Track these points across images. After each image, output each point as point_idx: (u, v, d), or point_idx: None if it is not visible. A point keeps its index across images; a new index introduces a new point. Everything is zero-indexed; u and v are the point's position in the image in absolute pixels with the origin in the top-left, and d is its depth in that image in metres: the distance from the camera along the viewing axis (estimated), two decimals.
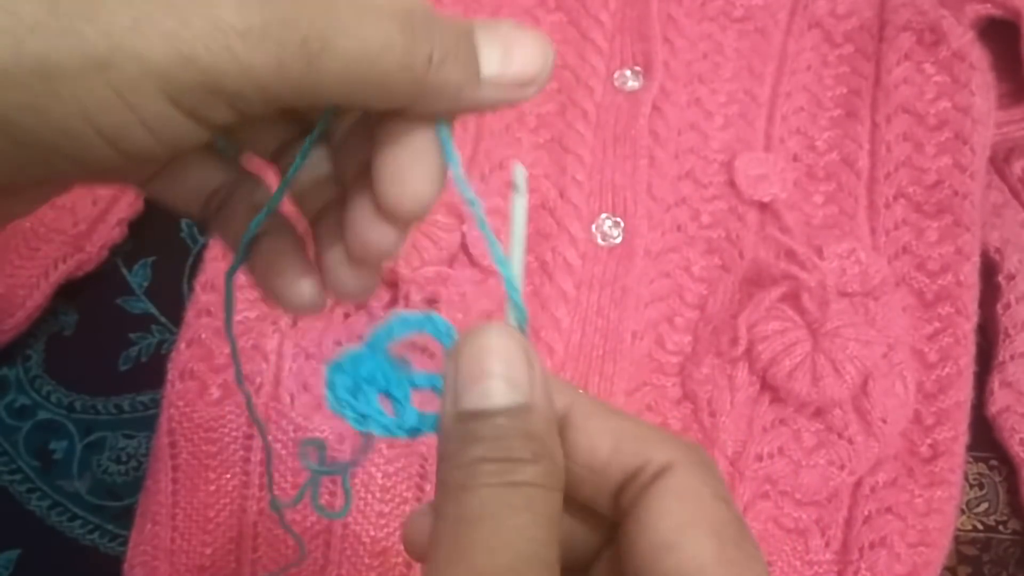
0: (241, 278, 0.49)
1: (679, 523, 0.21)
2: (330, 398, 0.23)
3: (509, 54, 0.23)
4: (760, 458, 0.46)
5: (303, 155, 0.25)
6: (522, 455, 0.21)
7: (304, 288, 0.26)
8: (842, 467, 0.46)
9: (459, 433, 0.22)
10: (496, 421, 0.21)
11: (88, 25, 0.19)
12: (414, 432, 0.23)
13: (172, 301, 0.52)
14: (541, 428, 0.22)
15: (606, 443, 0.23)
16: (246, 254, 0.26)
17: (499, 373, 0.22)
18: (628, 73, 0.56)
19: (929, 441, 0.48)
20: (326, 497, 0.45)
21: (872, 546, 0.45)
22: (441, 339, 0.24)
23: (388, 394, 0.24)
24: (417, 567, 0.45)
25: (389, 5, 0.22)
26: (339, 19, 0.21)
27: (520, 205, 0.25)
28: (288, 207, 0.28)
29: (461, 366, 0.22)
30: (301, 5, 0.20)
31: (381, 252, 0.25)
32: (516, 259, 0.24)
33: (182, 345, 0.48)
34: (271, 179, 0.28)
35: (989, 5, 0.56)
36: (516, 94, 0.24)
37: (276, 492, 0.46)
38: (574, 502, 0.24)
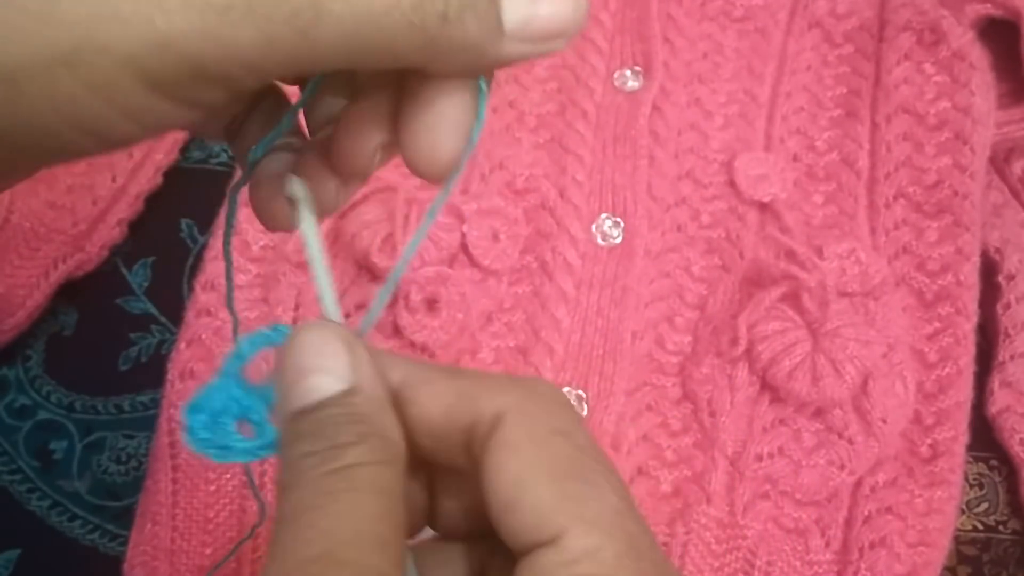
0: (238, 277, 0.49)
1: (513, 477, 0.20)
2: (189, 440, 0.22)
3: (535, 5, 0.21)
4: (760, 458, 0.46)
5: (315, 85, 0.24)
6: (347, 439, 0.20)
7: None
8: (842, 467, 0.46)
9: (287, 434, 0.21)
10: (319, 414, 0.21)
11: (49, 19, 0.18)
12: (275, 448, 0.23)
13: (172, 301, 0.52)
14: (366, 408, 0.21)
15: (437, 408, 0.22)
16: (253, 170, 0.25)
17: (316, 366, 0.21)
18: (628, 73, 0.56)
19: (929, 441, 0.48)
20: None
21: (872, 546, 0.45)
22: None
23: (247, 419, 0.23)
24: None
25: None
26: None
27: (307, 217, 0.24)
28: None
29: (284, 369, 0.22)
30: None
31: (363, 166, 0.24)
32: (316, 253, 0.24)
33: (182, 345, 0.48)
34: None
35: (989, 5, 0.56)
36: (545, 47, 0.22)
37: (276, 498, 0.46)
38: (439, 469, 0.24)
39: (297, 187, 0.24)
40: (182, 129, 0.21)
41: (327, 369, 0.21)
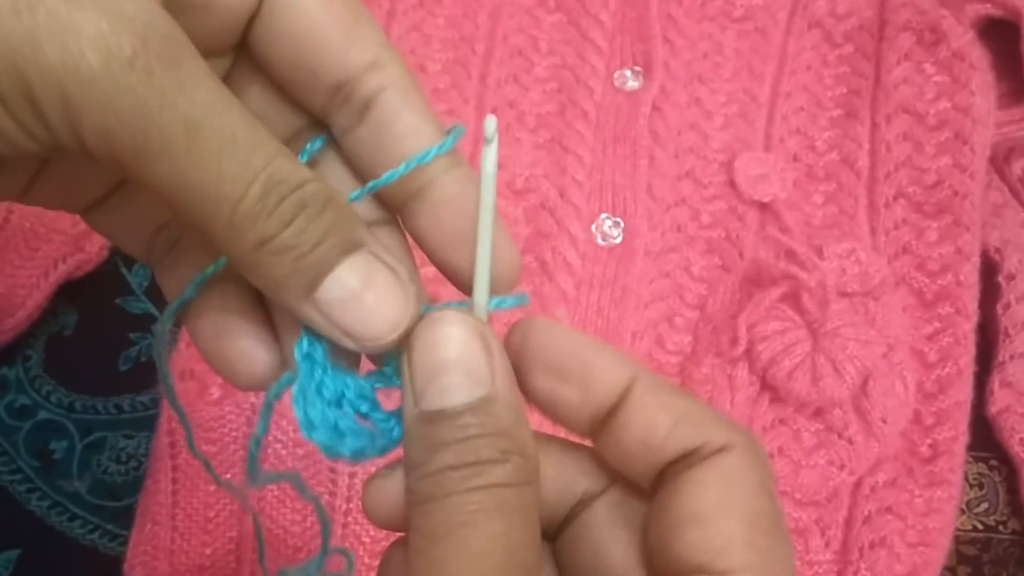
0: None
1: (717, 499, 0.20)
2: (323, 441, 0.21)
3: (360, 296, 0.21)
4: None
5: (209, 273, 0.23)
6: (490, 455, 0.20)
7: (259, 356, 0.23)
8: (842, 467, 0.46)
9: (423, 438, 0.21)
10: (459, 422, 0.20)
11: None
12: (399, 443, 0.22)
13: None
14: (507, 420, 0.21)
15: (666, 420, 0.22)
16: (184, 305, 0.23)
17: (455, 366, 0.20)
18: (628, 73, 0.56)
19: (929, 441, 0.48)
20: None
21: (872, 546, 0.45)
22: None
23: (359, 412, 0.22)
24: None
25: (279, 163, 0.20)
26: (200, 142, 0.19)
27: (490, 159, 0.22)
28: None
29: (415, 361, 0.21)
30: (171, 100, 0.18)
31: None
32: (485, 228, 0.22)
33: (182, 345, 0.48)
34: None
35: (989, 5, 0.56)
36: (336, 338, 0.21)
37: (275, 498, 0.46)
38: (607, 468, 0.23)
39: (490, 124, 0.22)
40: (37, 153, 0.20)
41: (466, 371, 0.20)
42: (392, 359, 0.23)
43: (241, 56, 0.23)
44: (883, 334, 0.47)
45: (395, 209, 0.24)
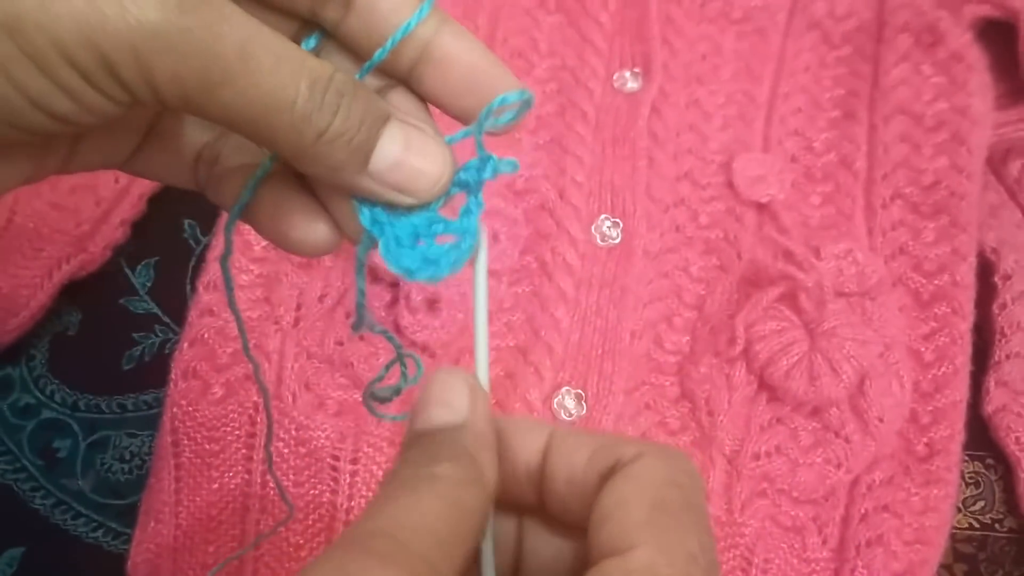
0: (240, 277, 0.49)
1: (619, 498, 0.22)
2: (427, 274, 0.24)
3: (405, 158, 0.24)
4: (757, 457, 0.46)
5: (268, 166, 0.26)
6: (443, 456, 0.23)
7: (318, 229, 0.26)
8: (839, 465, 0.46)
9: (410, 445, 0.24)
10: (431, 436, 0.24)
11: None
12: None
13: (175, 301, 0.52)
14: (471, 442, 0.24)
15: (582, 453, 0.24)
16: (244, 206, 0.26)
17: (440, 400, 0.24)
18: (627, 74, 0.56)
19: (925, 440, 0.48)
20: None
21: (869, 544, 0.46)
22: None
23: (435, 234, 0.25)
24: None
25: (310, 63, 0.22)
26: (252, 60, 0.21)
27: (482, 263, 0.26)
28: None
29: (419, 399, 0.25)
30: (219, 31, 0.21)
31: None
32: (481, 322, 0.26)
33: (185, 345, 0.48)
34: None
35: (987, 6, 0.56)
36: (398, 197, 0.25)
37: (277, 496, 0.46)
38: (560, 528, 0.25)
39: (482, 232, 0.26)
40: (120, 116, 0.22)
41: (448, 405, 0.24)
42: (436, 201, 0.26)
43: None
44: (880, 334, 0.47)
45: (403, 79, 0.27)
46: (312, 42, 0.26)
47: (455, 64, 0.26)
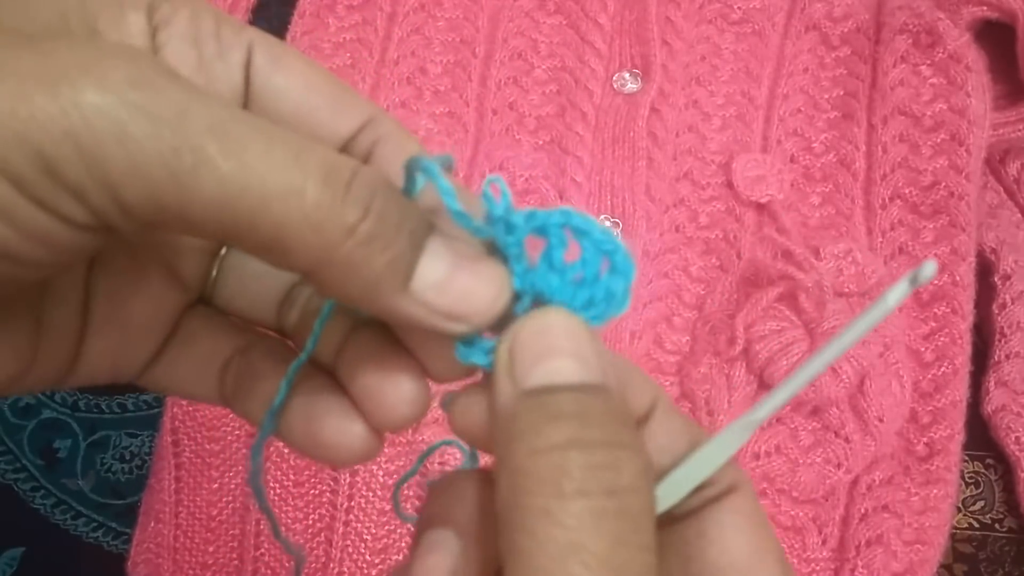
0: None
1: (753, 549, 0.21)
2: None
3: (454, 276, 0.19)
4: (758, 456, 0.46)
5: (326, 313, 0.22)
6: (619, 438, 0.18)
7: (353, 430, 0.22)
8: (839, 465, 0.46)
9: (531, 407, 0.18)
10: (574, 395, 0.18)
11: None
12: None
13: None
14: (626, 412, 0.19)
15: (683, 443, 0.21)
16: (275, 421, 0.23)
17: (567, 350, 0.19)
18: (627, 75, 0.56)
19: (925, 440, 0.48)
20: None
21: (868, 544, 0.46)
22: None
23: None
24: None
25: (321, 150, 0.18)
26: (230, 140, 0.16)
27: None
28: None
29: (519, 348, 0.19)
30: (183, 107, 0.16)
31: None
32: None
33: None
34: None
35: (985, 7, 0.56)
36: (442, 323, 0.19)
37: (277, 495, 0.46)
38: None
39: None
40: (72, 251, 0.18)
41: (578, 357, 0.19)
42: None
43: None
44: (879, 334, 0.48)
45: None
46: None
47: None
